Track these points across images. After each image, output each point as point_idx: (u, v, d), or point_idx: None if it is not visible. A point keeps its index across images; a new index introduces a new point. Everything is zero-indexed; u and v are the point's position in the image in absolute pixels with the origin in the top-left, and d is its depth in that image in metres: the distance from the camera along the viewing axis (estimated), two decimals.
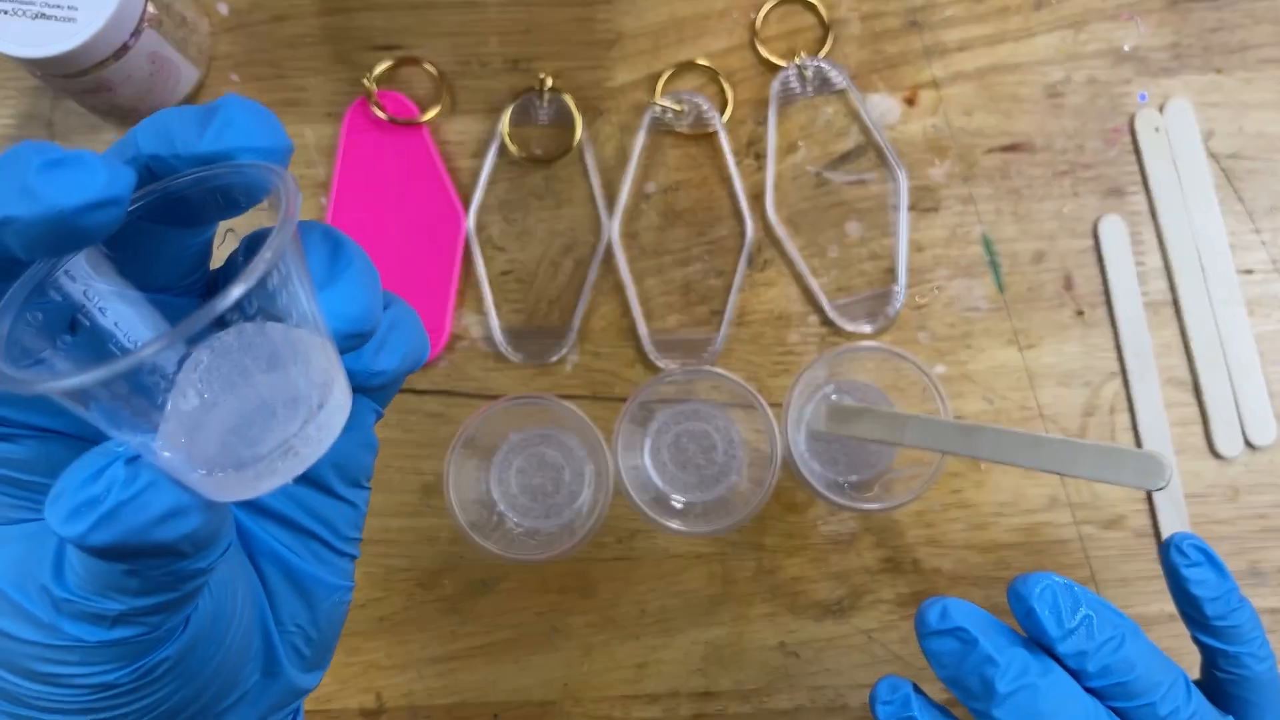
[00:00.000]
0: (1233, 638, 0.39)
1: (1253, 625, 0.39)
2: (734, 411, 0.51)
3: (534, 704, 0.52)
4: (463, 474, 0.48)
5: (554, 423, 0.51)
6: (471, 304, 0.53)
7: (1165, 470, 0.39)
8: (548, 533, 0.51)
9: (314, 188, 0.53)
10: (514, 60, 0.54)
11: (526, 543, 0.49)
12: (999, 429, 0.43)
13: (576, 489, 0.51)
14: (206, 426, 0.23)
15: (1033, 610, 0.36)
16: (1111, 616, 0.36)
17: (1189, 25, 0.53)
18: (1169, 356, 0.52)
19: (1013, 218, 0.53)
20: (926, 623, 0.37)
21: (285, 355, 0.24)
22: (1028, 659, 0.35)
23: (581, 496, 0.51)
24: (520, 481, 0.51)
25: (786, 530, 0.52)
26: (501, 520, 0.51)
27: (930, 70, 0.53)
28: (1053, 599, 0.36)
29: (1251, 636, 0.39)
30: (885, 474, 0.51)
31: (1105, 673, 0.35)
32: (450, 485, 0.46)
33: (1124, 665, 0.35)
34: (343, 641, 0.52)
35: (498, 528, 0.49)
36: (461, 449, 0.47)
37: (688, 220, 0.53)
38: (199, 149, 0.24)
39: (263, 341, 0.23)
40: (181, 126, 0.24)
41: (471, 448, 0.49)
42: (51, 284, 0.24)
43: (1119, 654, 0.35)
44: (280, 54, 0.54)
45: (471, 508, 0.48)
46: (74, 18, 0.44)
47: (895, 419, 0.46)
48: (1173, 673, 0.36)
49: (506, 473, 0.51)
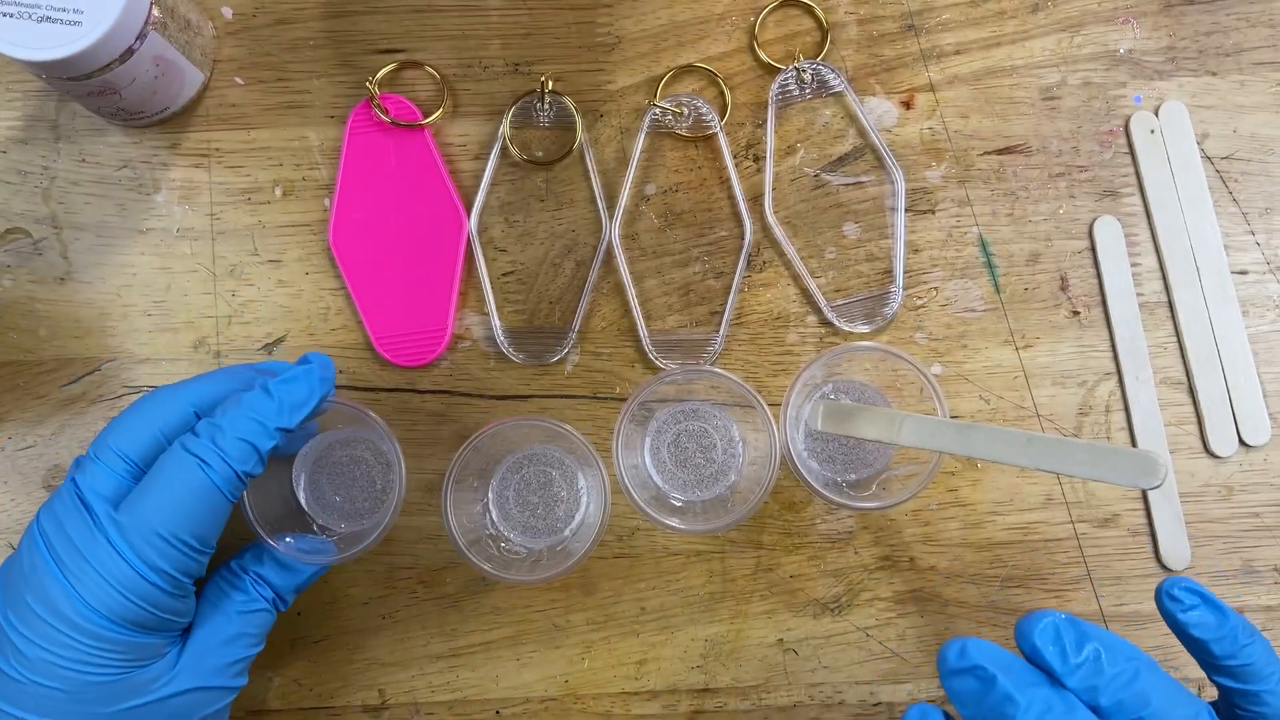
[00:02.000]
0: (1247, 676, 0.38)
1: (1268, 660, 0.38)
2: (734, 411, 0.52)
3: (535, 700, 0.52)
4: (461, 496, 0.48)
5: (550, 440, 0.52)
6: (473, 305, 0.54)
7: (1160, 469, 0.38)
8: (546, 550, 0.51)
9: (317, 190, 0.54)
10: (515, 63, 0.54)
11: (523, 563, 0.50)
12: (994, 428, 0.43)
13: (573, 507, 0.52)
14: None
15: (1035, 647, 0.35)
16: (1124, 650, 0.35)
17: (1183, 28, 0.54)
18: (1164, 357, 0.53)
19: (1009, 219, 0.53)
20: (946, 661, 0.36)
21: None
22: (1050, 698, 0.34)
23: (578, 515, 0.52)
24: (518, 500, 0.52)
25: (784, 528, 0.53)
26: (499, 540, 0.51)
27: (927, 73, 0.54)
28: (1055, 634, 0.35)
29: (1269, 672, 0.38)
30: (882, 473, 0.51)
31: (1120, 708, 0.34)
32: (449, 511, 0.46)
33: (1138, 699, 0.34)
34: (345, 639, 0.52)
35: (495, 548, 0.50)
36: (458, 472, 0.47)
37: (687, 222, 0.54)
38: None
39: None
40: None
41: (469, 470, 0.49)
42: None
43: (1132, 688, 0.34)
44: (284, 57, 0.54)
45: (470, 531, 0.48)
46: (79, 21, 0.45)
47: (891, 418, 0.46)
48: (1194, 706, 0.35)
49: (505, 493, 0.52)
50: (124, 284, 0.54)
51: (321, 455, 0.52)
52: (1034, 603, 0.52)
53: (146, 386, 0.53)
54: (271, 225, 0.54)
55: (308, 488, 0.51)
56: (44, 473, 0.53)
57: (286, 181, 0.54)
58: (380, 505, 0.51)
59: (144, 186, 0.54)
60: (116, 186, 0.54)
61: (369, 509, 0.51)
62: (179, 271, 0.53)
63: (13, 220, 0.54)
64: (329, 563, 0.47)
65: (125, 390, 0.53)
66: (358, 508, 0.51)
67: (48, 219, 0.54)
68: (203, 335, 0.53)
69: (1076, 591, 0.52)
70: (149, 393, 0.44)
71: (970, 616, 0.52)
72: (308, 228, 0.54)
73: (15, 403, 0.53)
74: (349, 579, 0.53)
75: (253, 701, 0.52)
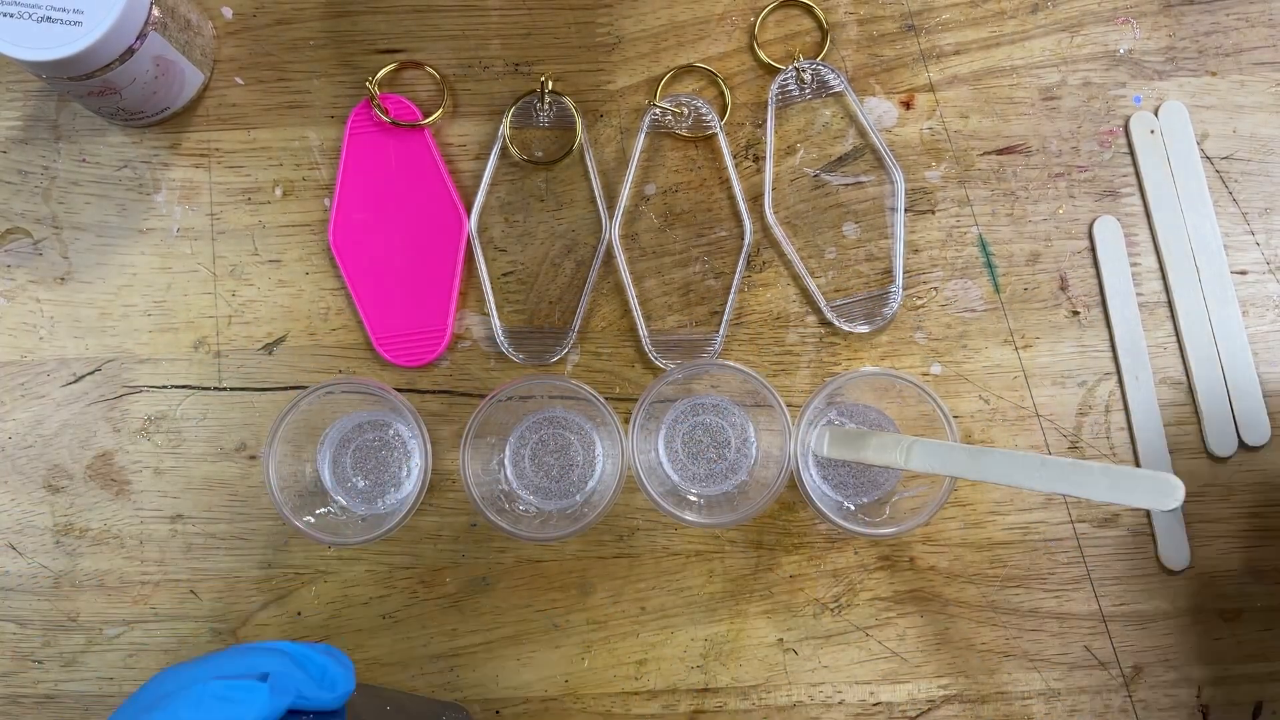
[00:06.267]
0: None
1: None
2: (749, 409, 0.52)
3: (535, 700, 0.52)
4: (477, 454, 0.49)
5: (573, 405, 0.52)
6: (473, 305, 0.54)
7: (1177, 491, 0.37)
8: (556, 513, 0.51)
9: (317, 190, 0.54)
10: (515, 64, 0.54)
11: (533, 520, 0.50)
12: (1007, 452, 0.42)
13: (588, 472, 0.52)
14: None
15: None
16: None
17: (1183, 28, 0.54)
18: (1164, 357, 0.53)
19: (1008, 219, 0.53)
20: None
21: None
22: None
23: (592, 481, 0.52)
24: (534, 460, 0.52)
25: (784, 528, 0.53)
26: (511, 497, 0.51)
27: (927, 73, 0.54)
28: None
29: None
30: (893, 495, 0.51)
31: None
32: (466, 461, 0.47)
33: None
34: (346, 638, 0.52)
35: (507, 504, 0.50)
36: (478, 427, 0.47)
37: (687, 222, 0.54)
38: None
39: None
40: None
41: (489, 426, 0.49)
42: None
43: None
44: (284, 57, 0.54)
45: (484, 485, 0.49)
46: (80, 21, 0.45)
47: (900, 443, 0.46)
48: None
49: (521, 452, 0.52)
50: (124, 284, 0.54)
51: (346, 437, 0.52)
52: (1034, 603, 0.52)
53: (146, 386, 0.53)
54: (271, 225, 0.54)
55: (331, 468, 0.52)
56: (44, 473, 0.53)
57: (286, 181, 0.54)
58: (400, 489, 0.52)
59: (144, 186, 0.54)
60: (116, 186, 0.54)
61: (390, 492, 0.52)
62: (179, 271, 0.53)
63: (13, 220, 0.54)
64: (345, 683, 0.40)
65: (125, 390, 0.53)
66: (380, 490, 0.52)
67: (48, 219, 0.54)
68: (203, 335, 0.53)
69: (1076, 591, 0.52)
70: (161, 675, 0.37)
71: (970, 616, 0.52)
72: (308, 228, 0.54)
73: (15, 403, 0.53)
74: (349, 579, 0.53)
75: None
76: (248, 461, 0.53)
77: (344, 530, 0.49)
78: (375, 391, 0.48)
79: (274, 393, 0.53)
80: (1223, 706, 0.52)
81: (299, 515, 0.48)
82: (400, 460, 0.52)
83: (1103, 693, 0.52)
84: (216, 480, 0.53)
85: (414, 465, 0.52)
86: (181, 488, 0.53)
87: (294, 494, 0.49)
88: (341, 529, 0.49)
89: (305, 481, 0.51)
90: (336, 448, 0.52)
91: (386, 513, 0.50)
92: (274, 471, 0.47)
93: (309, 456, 0.51)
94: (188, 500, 0.53)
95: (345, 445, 0.52)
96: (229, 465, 0.53)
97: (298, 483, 0.50)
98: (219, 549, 0.53)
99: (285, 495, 0.47)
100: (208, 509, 0.53)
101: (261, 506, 0.53)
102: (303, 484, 0.50)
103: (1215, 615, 0.52)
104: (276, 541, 0.53)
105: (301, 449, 0.50)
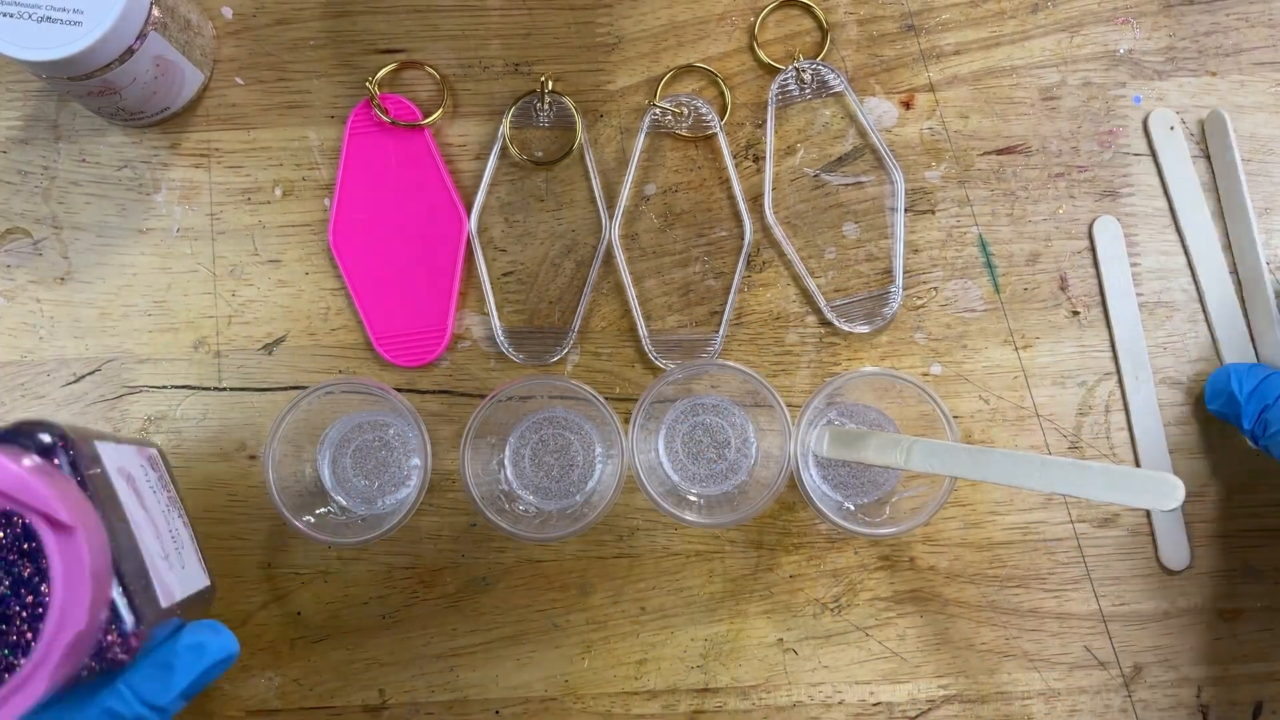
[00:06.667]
0: None
1: None
2: (748, 409, 0.52)
3: (535, 700, 0.52)
4: (477, 454, 0.49)
5: (573, 405, 0.52)
6: (473, 305, 0.54)
7: (1177, 491, 0.38)
8: (556, 513, 0.51)
9: (317, 190, 0.54)
10: (515, 64, 0.54)
11: (532, 520, 0.50)
12: (1007, 452, 0.42)
13: (588, 473, 0.52)
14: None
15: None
16: None
17: (1183, 28, 0.54)
18: (1163, 357, 0.53)
19: (1008, 219, 0.53)
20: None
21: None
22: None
23: (592, 481, 0.52)
24: (534, 460, 0.52)
25: (784, 528, 0.53)
26: (511, 497, 0.51)
27: (927, 73, 0.54)
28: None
29: None
30: (893, 495, 0.51)
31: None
32: (466, 460, 0.47)
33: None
34: (345, 638, 0.52)
35: (506, 504, 0.50)
36: (479, 426, 0.47)
37: (687, 222, 0.54)
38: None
39: None
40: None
41: (489, 426, 0.49)
42: None
43: None
44: (284, 57, 0.54)
45: (483, 484, 0.49)
46: (80, 21, 0.45)
47: (900, 443, 0.46)
48: None
49: (521, 452, 0.52)
50: (124, 284, 0.54)
51: (346, 437, 0.52)
52: (1034, 603, 0.52)
53: (146, 386, 0.53)
54: (271, 225, 0.54)
55: (331, 469, 0.52)
56: None
57: (286, 181, 0.54)
58: (400, 489, 0.52)
59: (144, 186, 0.54)
60: (116, 186, 0.54)
61: (390, 492, 0.52)
62: (179, 271, 0.53)
63: (13, 220, 0.54)
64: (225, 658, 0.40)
65: (125, 390, 0.53)
66: (380, 490, 0.52)
67: (48, 219, 0.54)
68: (203, 335, 0.53)
69: (1076, 591, 0.52)
70: None
71: (970, 616, 0.52)
72: (308, 228, 0.54)
73: (15, 403, 0.53)
74: (349, 578, 0.53)
75: (253, 701, 0.52)
76: (248, 461, 0.53)
77: (344, 530, 0.49)
78: (375, 391, 0.48)
79: (274, 393, 0.53)
80: (1223, 706, 0.52)
81: (299, 515, 0.47)
82: (400, 460, 0.52)
83: (1103, 693, 0.52)
84: (216, 480, 0.53)
85: (414, 465, 0.52)
86: (181, 487, 0.53)
87: (294, 494, 0.49)
88: (341, 529, 0.49)
89: (305, 481, 0.51)
90: (336, 448, 0.52)
91: (386, 513, 0.50)
92: (274, 471, 0.47)
93: (309, 456, 0.51)
94: (188, 500, 0.52)
95: (345, 445, 0.52)
96: (229, 465, 0.53)
97: (297, 483, 0.50)
98: (219, 549, 0.53)
99: (285, 495, 0.47)
100: (208, 509, 0.53)
101: (261, 506, 0.53)
102: (302, 484, 0.50)
103: (1215, 615, 0.52)
104: (276, 541, 0.53)
105: (301, 449, 0.50)
